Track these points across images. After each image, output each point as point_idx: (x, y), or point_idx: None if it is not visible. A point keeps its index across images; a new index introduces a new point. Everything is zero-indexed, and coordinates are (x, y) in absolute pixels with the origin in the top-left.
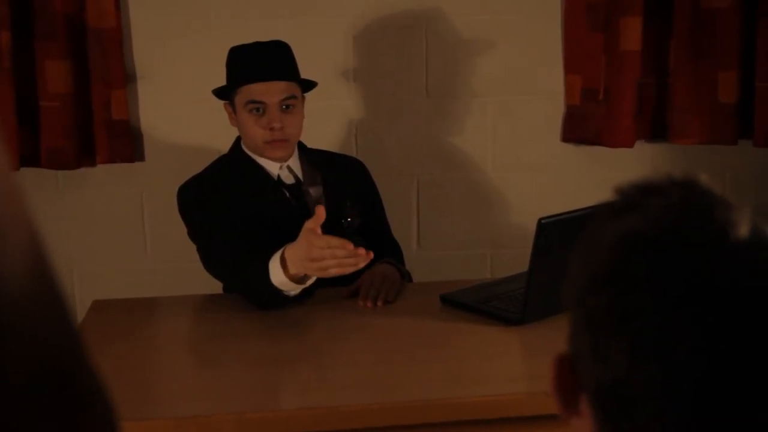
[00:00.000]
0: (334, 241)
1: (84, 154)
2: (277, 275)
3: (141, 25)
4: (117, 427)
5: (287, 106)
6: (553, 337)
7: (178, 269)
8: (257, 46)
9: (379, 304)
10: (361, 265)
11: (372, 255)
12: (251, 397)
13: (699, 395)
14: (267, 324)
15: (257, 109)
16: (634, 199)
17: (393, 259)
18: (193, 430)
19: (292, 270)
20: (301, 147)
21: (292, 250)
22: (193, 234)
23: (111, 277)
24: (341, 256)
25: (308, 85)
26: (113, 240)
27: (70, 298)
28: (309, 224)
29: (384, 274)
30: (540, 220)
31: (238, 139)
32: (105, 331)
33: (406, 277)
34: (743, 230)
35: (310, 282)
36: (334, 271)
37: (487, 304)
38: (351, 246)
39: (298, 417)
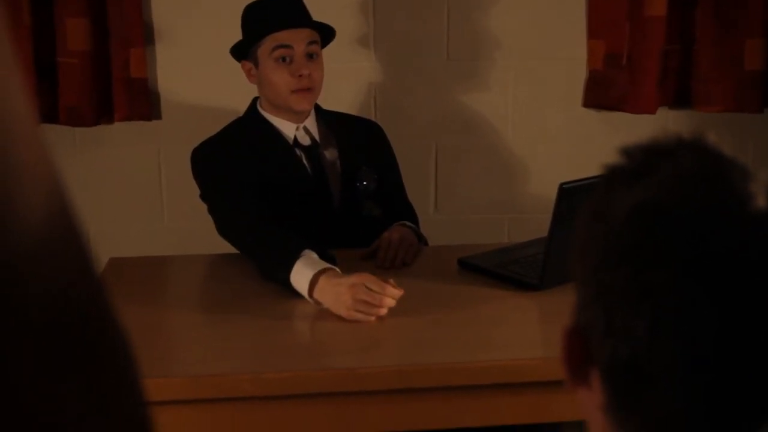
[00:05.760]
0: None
1: (102, 112)
2: (299, 281)
3: None
4: (139, 381)
5: (311, 54)
6: (570, 303)
7: (195, 228)
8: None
9: (398, 265)
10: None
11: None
12: (268, 357)
13: (721, 369)
14: None
15: (283, 58)
16: (644, 163)
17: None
18: (210, 389)
19: (317, 295)
20: (318, 109)
21: (330, 280)
22: (206, 196)
23: (127, 235)
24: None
25: (325, 37)
26: (130, 198)
27: None
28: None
29: (402, 236)
30: (561, 185)
31: (254, 102)
32: (121, 290)
33: (422, 240)
34: (762, 200)
35: (321, 306)
36: (359, 315)
37: (505, 269)
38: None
39: (315, 378)
